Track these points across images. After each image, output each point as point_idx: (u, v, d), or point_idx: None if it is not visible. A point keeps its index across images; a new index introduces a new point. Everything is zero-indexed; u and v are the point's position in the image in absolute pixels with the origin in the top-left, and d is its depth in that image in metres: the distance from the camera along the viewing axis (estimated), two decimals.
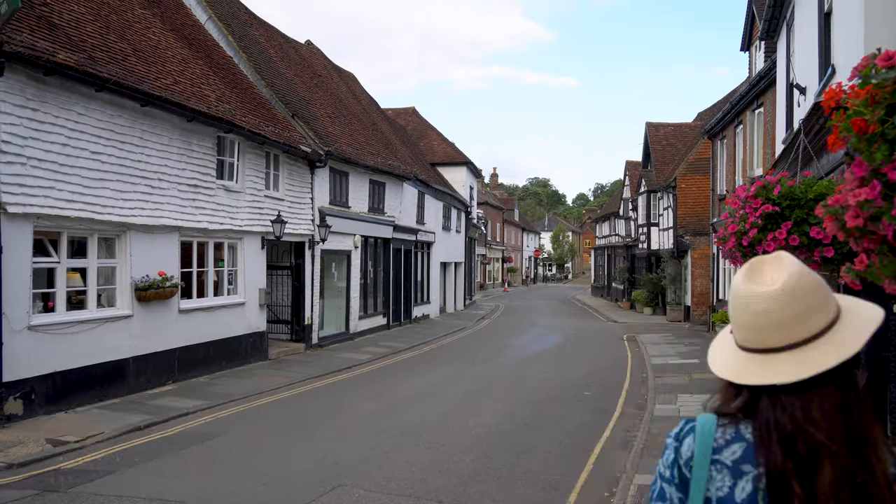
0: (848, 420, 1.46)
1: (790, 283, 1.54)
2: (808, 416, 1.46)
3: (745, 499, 1.50)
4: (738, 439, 1.54)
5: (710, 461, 1.55)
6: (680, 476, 1.61)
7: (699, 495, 1.55)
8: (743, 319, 1.59)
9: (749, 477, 1.51)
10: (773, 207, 5.74)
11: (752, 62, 21.05)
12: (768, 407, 1.51)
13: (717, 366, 1.65)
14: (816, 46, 8.87)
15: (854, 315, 1.57)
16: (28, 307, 10.21)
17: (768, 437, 1.48)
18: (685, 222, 27.31)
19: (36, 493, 7.25)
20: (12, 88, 9.82)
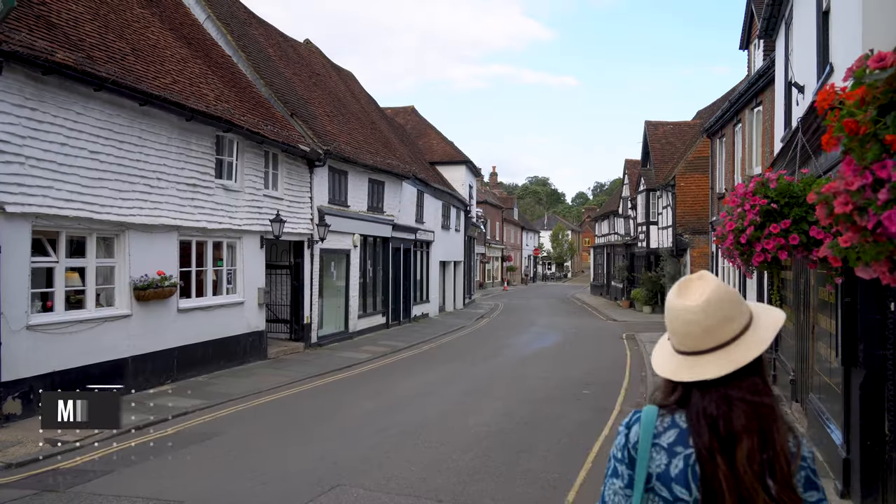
0: (756, 406, 1.83)
1: (713, 297, 1.92)
2: (732, 403, 1.84)
3: (678, 474, 1.86)
4: (673, 426, 1.90)
5: (651, 444, 1.91)
6: (629, 456, 1.95)
7: (643, 472, 1.90)
8: (677, 328, 1.97)
9: (681, 456, 1.87)
10: (772, 204, 5.75)
11: (751, 60, 21.04)
12: (699, 398, 1.89)
13: (658, 367, 2.02)
14: (815, 45, 8.86)
15: (762, 319, 1.98)
16: (27, 307, 10.21)
17: (698, 423, 1.85)
18: (684, 221, 27.31)
19: (34, 492, 7.25)
20: (10, 88, 9.81)
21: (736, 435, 1.80)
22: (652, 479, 1.89)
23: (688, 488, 1.84)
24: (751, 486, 1.76)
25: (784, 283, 12.02)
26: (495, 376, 15.45)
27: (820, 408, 8.55)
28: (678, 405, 1.93)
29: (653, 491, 1.90)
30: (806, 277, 9.65)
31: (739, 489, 1.76)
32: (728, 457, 1.79)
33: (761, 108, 16.83)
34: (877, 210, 2.44)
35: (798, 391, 10.38)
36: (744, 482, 1.76)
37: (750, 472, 1.77)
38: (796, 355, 10.48)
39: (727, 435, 1.81)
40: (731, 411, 1.83)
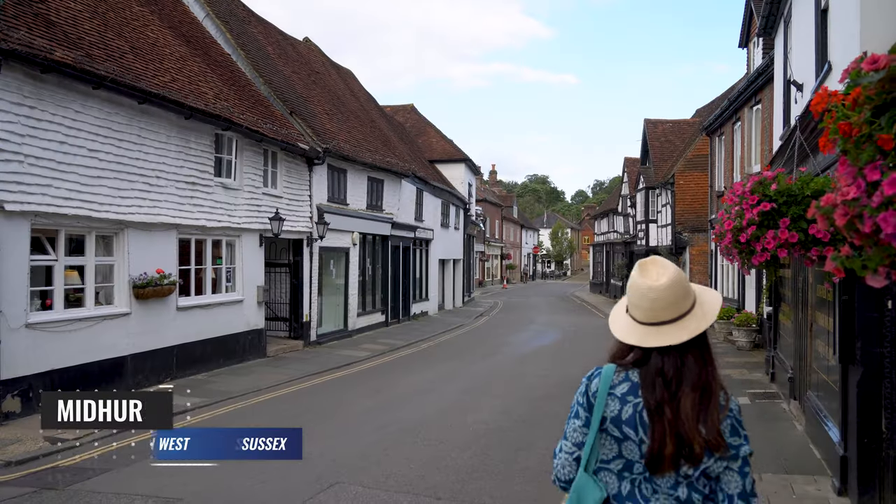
0: (704, 367, 2.30)
1: (674, 278, 2.37)
2: (684, 364, 2.30)
3: (628, 418, 2.32)
4: (626, 380, 2.38)
5: (607, 394, 2.38)
6: (588, 402, 2.43)
7: (599, 414, 2.37)
8: (643, 304, 2.39)
9: (631, 404, 2.33)
10: (771, 205, 5.75)
11: (750, 59, 21.05)
12: (657, 359, 2.33)
13: (621, 335, 2.46)
14: (813, 43, 8.87)
15: (705, 298, 2.45)
16: (26, 305, 10.22)
17: (654, 379, 2.30)
18: (683, 219, 27.32)
19: (34, 490, 7.27)
20: (9, 86, 9.82)
21: (682, 388, 2.27)
22: (606, 421, 2.36)
23: (635, 429, 2.32)
24: (690, 430, 2.21)
25: (782, 281, 12.03)
26: (494, 374, 15.47)
27: (818, 405, 8.57)
28: (634, 365, 2.39)
29: (605, 431, 2.37)
30: (804, 275, 9.66)
31: (680, 433, 2.21)
32: (674, 406, 2.24)
33: (760, 107, 16.85)
34: (872, 213, 2.45)
35: (796, 389, 10.40)
36: (685, 427, 2.21)
37: (691, 419, 2.22)
38: (794, 353, 10.49)
39: (676, 389, 2.26)
40: (682, 371, 2.29)
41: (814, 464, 8.00)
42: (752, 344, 17.33)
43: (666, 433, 2.23)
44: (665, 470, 2.26)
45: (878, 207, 2.43)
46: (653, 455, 2.26)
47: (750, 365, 15.18)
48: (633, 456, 2.33)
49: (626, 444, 2.33)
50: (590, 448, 2.38)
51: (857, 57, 2.80)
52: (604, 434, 2.38)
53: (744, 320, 17.49)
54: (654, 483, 2.30)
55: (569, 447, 2.48)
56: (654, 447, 2.25)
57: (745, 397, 11.86)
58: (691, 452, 2.22)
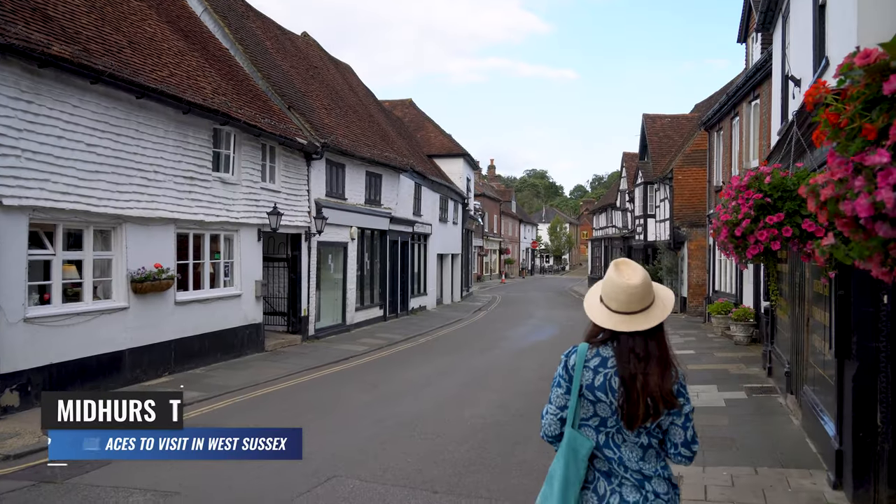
0: (661, 349, 2.95)
1: (643, 277, 3.00)
2: (650, 345, 2.94)
3: (599, 385, 2.95)
4: (597, 356, 3.00)
5: (583, 366, 3.00)
6: (567, 374, 3.05)
7: (577, 383, 2.99)
8: (619, 296, 2.98)
9: (601, 374, 2.96)
10: (766, 198, 5.78)
11: (748, 54, 21.05)
12: (627, 339, 2.95)
13: (599, 321, 3.03)
14: (811, 38, 8.87)
15: (662, 294, 3.09)
16: (24, 299, 10.23)
17: (628, 355, 2.93)
18: (682, 214, 27.35)
19: (32, 484, 7.29)
20: (7, 81, 9.81)
21: (650, 363, 2.92)
22: (583, 388, 2.99)
23: (605, 393, 2.94)
24: (656, 392, 2.87)
25: (780, 276, 12.05)
26: (492, 368, 15.50)
27: (814, 400, 8.60)
28: (603, 343, 3.02)
29: (583, 396, 3.00)
30: (801, 270, 9.69)
31: (649, 395, 2.87)
32: (645, 377, 2.89)
33: (759, 102, 16.86)
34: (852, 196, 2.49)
35: (793, 383, 10.44)
36: (654, 392, 2.87)
37: (657, 384, 2.88)
38: (791, 348, 10.53)
39: (646, 365, 2.91)
40: (647, 349, 2.94)
41: (810, 458, 8.03)
42: (750, 338, 17.37)
43: (640, 397, 2.88)
44: (638, 425, 2.91)
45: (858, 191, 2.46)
46: (630, 415, 2.89)
47: (747, 359, 15.22)
48: (605, 414, 2.98)
49: (599, 405, 2.98)
50: (573, 410, 3.03)
51: (850, 52, 2.83)
52: (582, 399, 3.02)
53: (741, 315, 17.53)
54: (623, 434, 2.99)
55: (553, 410, 3.11)
56: (630, 409, 2.89)
57: (742, 392, 11.90)
58: (656, 410, 2.90)
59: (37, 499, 6.95)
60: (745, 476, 7.38)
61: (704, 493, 6.89)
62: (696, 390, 12.17)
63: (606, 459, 3.01)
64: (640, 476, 2.99)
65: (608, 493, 3.00)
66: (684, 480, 7.23)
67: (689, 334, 20.51)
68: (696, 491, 6.93)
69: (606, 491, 3.00)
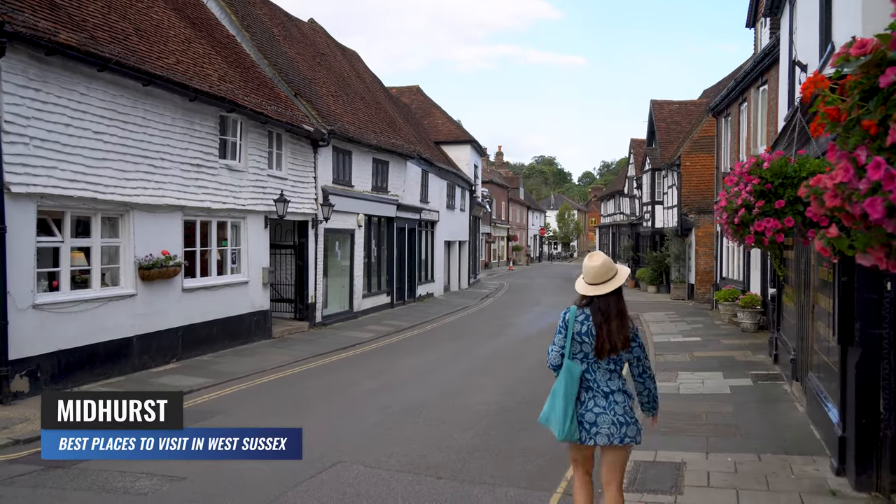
0: (619, 305, 4.67)
1: (603, 260, 4.74)
2: (610, 303, 4.65)
3: (584, 332, 4.63)
4: (583, 313, 4.69)
5: (574, 319, 4.68)
6: (564, 324, 4.71)
7: (570, 330, 4.66)
8: (588, 273, 4.72)
9: (585, 325, 4.64)
10: (767, 185, 5.77)
11: (757, 39, 20.90)
12: (598, 301, 4.67)
13: (581, 290, 4.76)
14: (818, 23, 8.81)
15: (620, 271, 4.79)
16: (33, 286, 10.31)
17: (597, 311, 4.65)
18: (689, 200, 27.27)
19: (41, 468, 7.38)
20: (14, 69, 9.85)
21: (611, 315, 4.62)
22: (574, 334, 4.67)
23: (587, 336, 4.63)
24: (616, 336, 4.57)
25: (785, 263, 12.04)
26: (498, 355, 15.55)
27: (818, 386, 8.61)
28: (586, 305, 4.72)
29: (574, 339, 4.67)
30: (806, 257, 9.67)
31: (612, 339, 4.56)
32: (608, 325, 4.59)
33: (766, 87, 16.76)
34: (859, 199, 2.48)
35: (798, 370, 10.44)
36: (613, 334, 4.57)
37: (616, 330, 4.58)
38: (797, 335, 10.52)
39: (606, 316, 4.61)
40: (609, 306, 4.65)
41: (814, 445, 8.05)
42: (757, 325, 17.35)
43: (604, 339, 4.61)
44: (604, 356, 4.62)
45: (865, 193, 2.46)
46: (599, 349, 4.62)
47: (754, 346, 15.21)
48: (587, 350, 4.67)
49: (584, 345, 4.68)
50: (568, 348, 4.71)
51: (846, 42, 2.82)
52: (573, 342, 4.70)
53: (748, 302, 17.50)
54: (597, 363, 4.67)
55: (556, 348, 4.80)
56: (600, 346, 4.61)
57: (748, 379, 11.90)
58: (615, 348, 4.61)
59: (46, 482, 7.04)
60: (748, 462, 7.41)
61: (707, 479, 6.92)
62: (702, 377, 12.20)
63: (587, 380, 4.70)
64: (608, 390, 4.67)
65: (588, 400, 4.69)
66: (687, 467, 7.27)
67: (697, 321, 20.51)
68: (699, 477, 6.96)
69: (587, 399, 4.69)
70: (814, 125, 2.84)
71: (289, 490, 6.83)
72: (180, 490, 6.91)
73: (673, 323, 20.45)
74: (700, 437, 8.47)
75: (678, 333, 18.11)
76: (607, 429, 4.58)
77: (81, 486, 6.93)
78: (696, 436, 8.52)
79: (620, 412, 4.60)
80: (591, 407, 4.62)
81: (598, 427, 4.59)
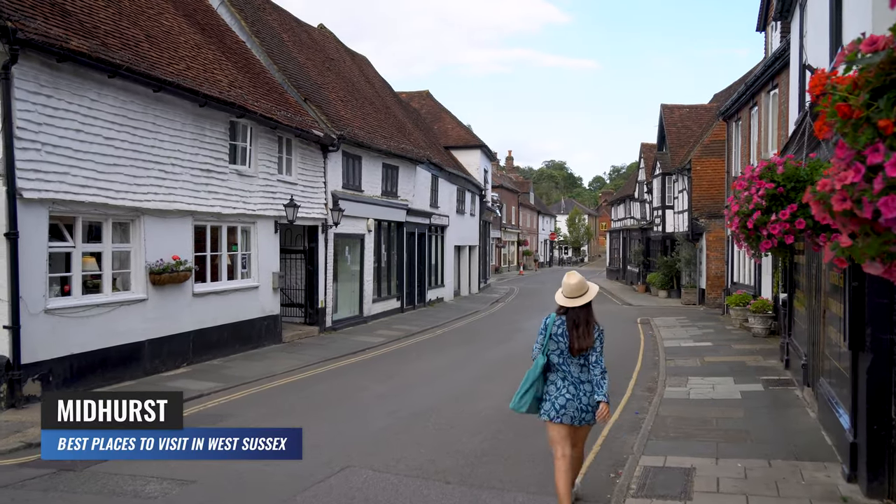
0: (588, 315, 6.04)
1: (579, 280, 6.09)
2: (580, 314, 6.01)
3: (559, 333, 6.02)
4: (559, 319, 6.08)
5: (553, 323, 6.08)
6: (545, 328, 6.11)
7: (548, 332, 6.06)
8: (566, 288, 6.07)
9: (560, 327, 6.04)
10: (779, 189, 5.74)
11: (768, 43, 20.85)
12: (573, 312, 6.02)
13: (560, 302, 6.11)
14: (828, 27, 8.78)
15: (591, 288, 6.17)
16: (45, 291, 10.38)
17: (570, 318, 6.02)
18: (700, 205, 27.16)
19: (53, 471, 7.42)
20: (26, 75, 9.93)
21: (580, 323, 5.96)
22: (552, 335, 6.03)
23: (562, 336, 5.99)
24: (584, 340, 5.93)
25: (797, 268, 11.97)
26: (508, 360, 15.50)
27: (830, 392, 8.55)
28: (563, 313, 6.05)
29: (551, 339, 6.02)
30: (818, 262, 9.61)
31: (580, 341, 5.92)
32: (577, 330, 5.95)
33: (777, 91, 16.69)
34: (872, 198, 2.45)
35: (810, 376, 10.37)
36: (581, 338, 5.93)
37: (583, 335, 5.93)
38: (808, 340, 10.45)
39: (576, 323, 5.97)
40: (579, 316, 5.98)
41: (825, 451, 7.99)
42: (768, 331, 17.26)
43: (576, 339, 5.92)
44: (576, 353, 5.92)
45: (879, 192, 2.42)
46: (571, 347, 5.92)
47: (765, 352, 15.13)
48: (562, 348, 5.97)
49: (559, 343, 5.98)
50: (546, 345, 6.05)
51: (855, 39, 2.80)
52: (550, 341, 6.02)
53: (760, 307, 17.41)
54: (570, 358, 5.96)
55: (537, 346, 6.15)
56: (571, 344, 5.92)
57: (759, 384, 11.84)
58: (582, 347, 5.90)
59: (57, 485, 7.09)
60: (758, 468, 7.36)
61: (717, 485, 6.88)
62: (712, 382, 12.14)
63: (562, 371, 6.03)
64: (578, 380, 6.02)
65: (562, 387, 6.02)
66: (696, 472, 7.23)
67: (707, 326, 20.42)
68: (709, 483, 6.93)
69: (561, 386, 6.03)
70: (818, 124, 2.81)
71: (297, 494, 6.84)
72: (190, 493, 6.93)
73: (684, 328, 20.37)
74: (710, 442, 8.43)
75: (689, 338, 18.03)
76: (573, 413, 5.96)
77: (91, 490, 6.96)
78: (706, 441, 8.48)
79: (585, 402, 5.98)
80: (563, 393, 5.99)
81: (567, 411, 5.96)
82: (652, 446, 8.28)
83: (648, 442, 8.47)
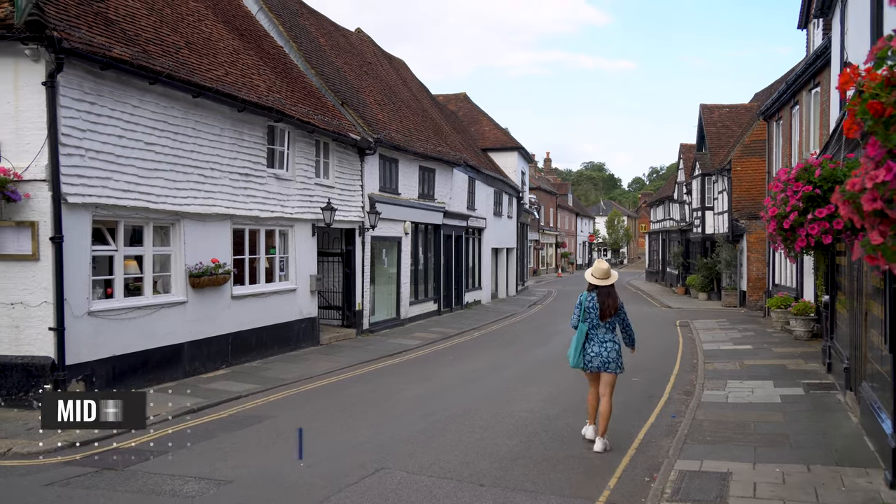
0: (612, 291, 8.71)
1: (607, 266, 8.81)
2: (611, 291, 8.69)
3: (591, 305, 8.58)
4: (591, 296, 8.66)
5: (585, 298, 8.65)
6: (580, 303, 8.68)
7: (583, 305, 8.63)
8: (597, 271, 8.75)
9: (592, 302, 8.61)
10: (816, 190, 5.65)
11: (809, 40, 20.45)
12: (603, 290, 8.65)
13: (591, 280, 8.71)
14: (868, 23, 8.60)
15: (614, 273, 8.79)
16: (88, 293, 10.63)
17: (601, 294, 8.61)
18: (740, 206, 26.75)
19: (95, 470, 7.60)
20: (71, 83, 10.18)
21: (608, 296, 8.59)
22: (586, 307, 8.59)
23: (594, 309, 8.55)
24: (611, 307, 8.55)
25: (839, 270, 11.74)
26: (544, 363, 15.45)
27: (872, 396, 8.36)
28: (593, 290, 8.66)
29: (586, 310, 8.58)
30: (859, 263, 9.41)
31: (608, 308, 8.52)
32: (606, 300, 8.56)
33: (819, 90, 16.38)
34: None
35: (852, 379, 10.15)
36: (609, 307, 8.53)
37: (610, 305, 8.55)
38: (850, 343, 10.24)
39: (606, 296, 8.59)
40: (609, 292, 8.65)
41: (867, 456, 7.82)
42: (811, 333, 16.93)
43: (607, 308, 8.51)
44: (605, 318, 8.49)
45: None
46: (602, 314, 8.48)
47: (807, 355, 14.85)
48: (593, 316, 8.51)
49: (590, 313, 8.53)
50: (581, 315, 8.56)
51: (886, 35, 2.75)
52: (585, 311, 8.54)
53: (801, 309, 17.10)
54: (599, 324, 8.50)
55: (575, 316, 8.63)
56: (602, 312, 8.48)
57: (799, 388, 11.62)
58: (611, 314, 8.52)
59: (99, 484, 7.25)
60: (797, 474, 7.23)
61: (753, 490, 6.78)
62: (752, 386, 11.96)
63: (593, 334, 8.46)
64: (604, 340, 8.45)
65: (591, 347, 8.45)
66: (733, 477, 7.14)
67: (748, 329, 20.11)
68: (745, 488, 6.82)
69: (591, 346, 8.46)
70: (847, 122, 2.77)
71: (332, 495, 6.89)
72: (227, 493, 7.03)
73: (723, 331, 20.08)
74: (748, 446, 8.30)
75: (728, 341, 17.77)
76: (599, 362, 8.40)
77: (132, 489, 7.11)
78: (744, 445, 8.35)
79: (607, 353, 8.41)
80: (592, 348, 8.45)
81: (593, 361, 8.43)
82: (688, 450, 8.18)
83: (684, 446, 8.38)
